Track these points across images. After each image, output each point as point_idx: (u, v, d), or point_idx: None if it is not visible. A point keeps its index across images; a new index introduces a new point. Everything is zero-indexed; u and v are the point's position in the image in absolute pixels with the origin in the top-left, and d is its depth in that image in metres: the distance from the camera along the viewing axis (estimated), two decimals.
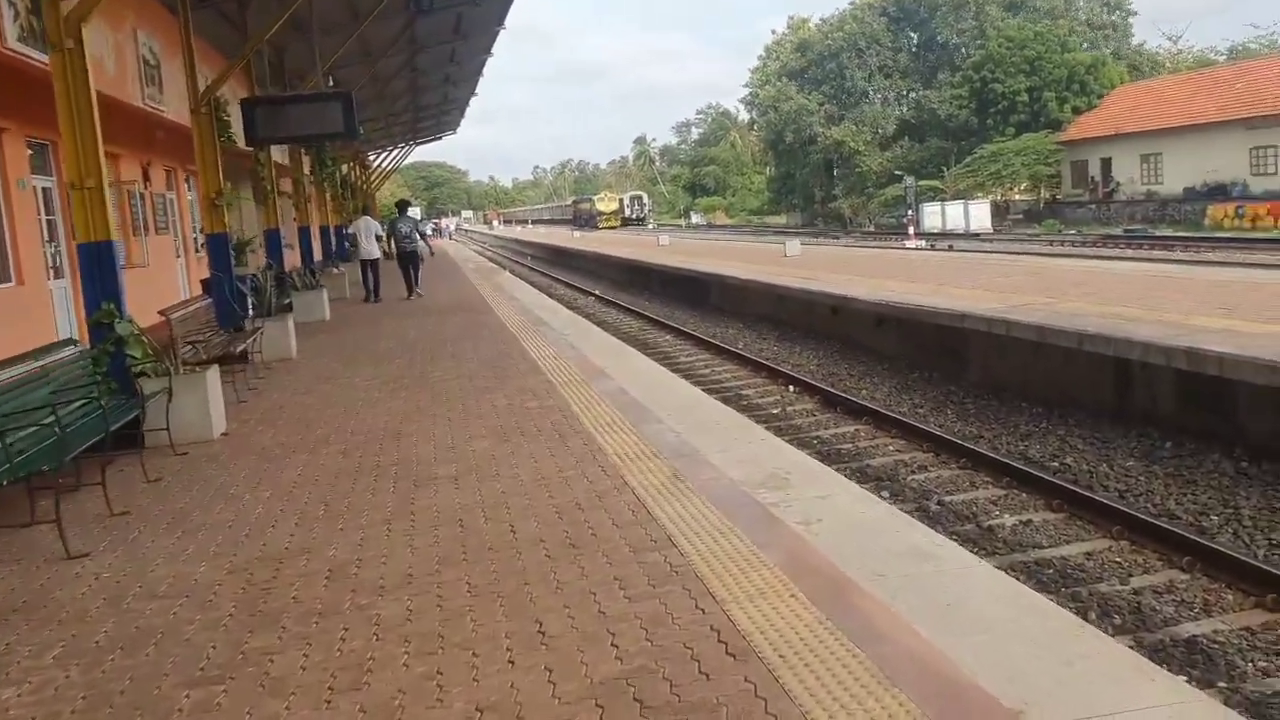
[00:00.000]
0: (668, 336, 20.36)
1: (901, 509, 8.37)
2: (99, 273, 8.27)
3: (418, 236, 21.46)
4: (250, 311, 13.44)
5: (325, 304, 17.91)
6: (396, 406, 9.35)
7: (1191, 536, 7.33)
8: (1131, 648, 6.19)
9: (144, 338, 8.40)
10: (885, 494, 9.13)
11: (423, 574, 4.87)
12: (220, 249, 13.07)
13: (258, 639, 4.26)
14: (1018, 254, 27.54)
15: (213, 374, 8.57)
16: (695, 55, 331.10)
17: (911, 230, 40.58)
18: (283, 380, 11.49)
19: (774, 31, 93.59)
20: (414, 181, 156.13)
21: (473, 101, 44.75)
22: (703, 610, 4.15)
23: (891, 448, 10.88)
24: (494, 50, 31.62)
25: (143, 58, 14.50)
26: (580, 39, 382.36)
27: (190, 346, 9.71)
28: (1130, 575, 7.16)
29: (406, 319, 17.22)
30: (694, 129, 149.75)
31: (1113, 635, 6.38)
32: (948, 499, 8.89)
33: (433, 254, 25.81)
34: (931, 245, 37.41)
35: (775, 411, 13.08)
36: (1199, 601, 6.71)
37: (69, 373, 7.80)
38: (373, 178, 55.18)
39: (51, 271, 13.66)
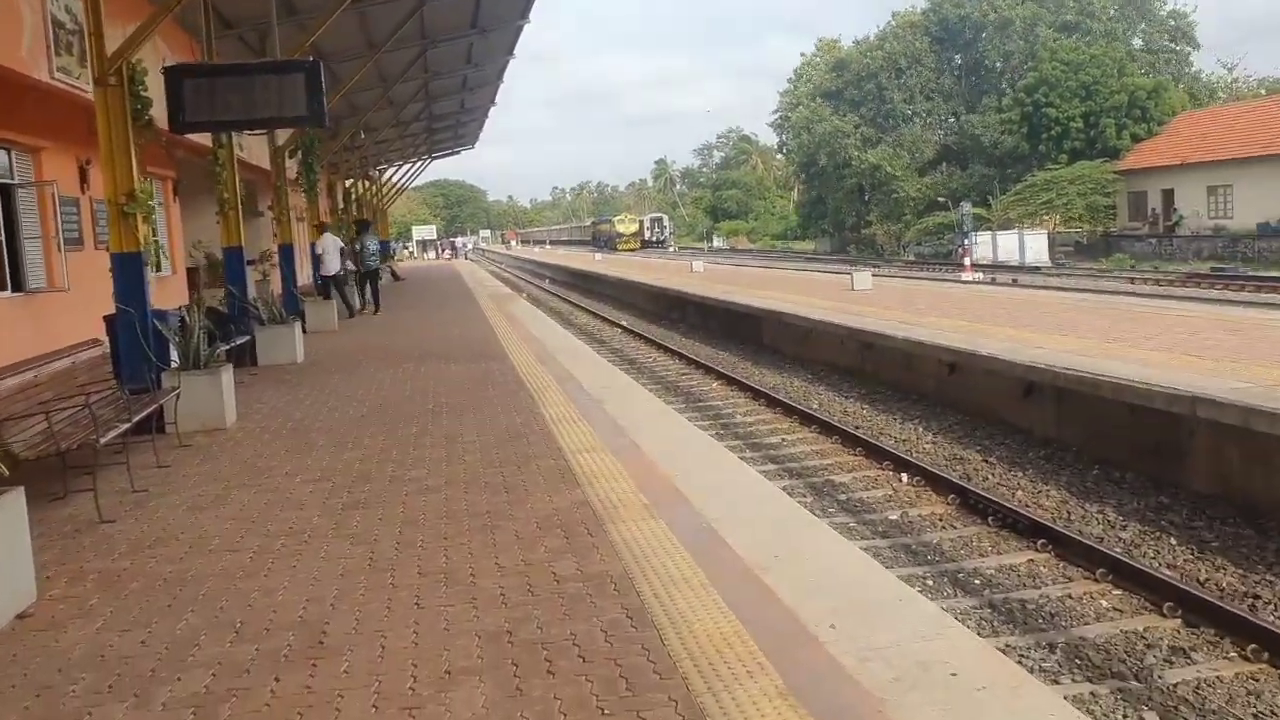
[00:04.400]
0: (715, 385, 16.58)
1: None
2: None
3: (378, 256, 23.45)
4: (173, 361, 9.66)
5: (297, 342, 14.12)
6: (338, 552, 5.52)
7: None
8: None
9: None
10: None
11: None
12: (129, 272, 9.32)
13: None
14: (1112, 293, 23.54)
15: (8, 502, 4.73)
16: (700, 77, 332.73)
17: (967, 261, 36.66)
18: (190, 475, 7.66)
19: (803, 54, 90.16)
20: (433, 199, 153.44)
21: (492, 115, 41.19)
22: None
23: (1105, 603, 7.05)
24: (514, 51, 28.07)
25: (52, 16, 10.81)
26: (587, 63, 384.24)
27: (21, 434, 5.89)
28: None
29: (396, 365, 13.42)
30: (715, 152, 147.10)
31: None
32: None
33: (397, 278, 29.33)
34: (992, 279, 33.59)
35: (894, 518, 9.28)
36: None
37: None
38: (385, 193, 51.66)
39: None
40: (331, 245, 21.49)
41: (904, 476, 10.34)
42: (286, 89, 9.45)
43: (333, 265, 21.33)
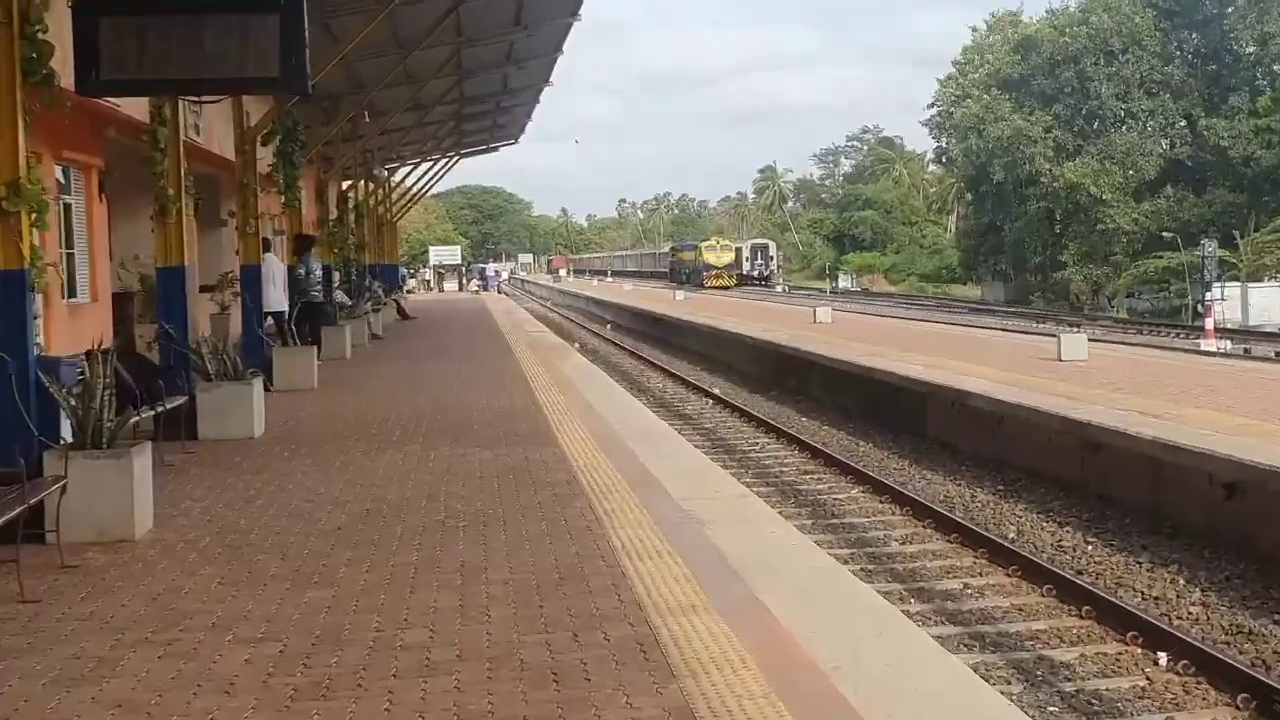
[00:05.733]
0: (855, 492, 15.58)
1: None
2: None
3: (321, 285, 23.08)
4: (68, 435, 8.92)
5: (255, 408, 13.42)
6: None
7: None
8: None
9: None
10: None
11: None
12: (6, 299, 8.64)
13: None
14: None
15: None
16: (822, 59, 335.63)
17: (1209, 324, 35.14)
18: (66, 620, 6.75)
19: (974, 29, 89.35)
20: (459, 211, 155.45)
21: (545, 100, 41.03)
22: None
23: None
24: (579, 11, 27.60)
25: None
26: (668, 38, 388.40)
27: None
28: None
29: (396, 447, 12.68)
30: (843, 160, 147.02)
31: None
32: None
33: (406, 318, 35.14)
34: (1245, 349, 32.16)
35: None
36: None
37: None
38: (394, 200, 51.82)
39: None
40: (278, 271, 20.91)
41: (1162, 658, 9.25)
42: (252, 37, 8.73)
43: (275, 298, 20.37)
